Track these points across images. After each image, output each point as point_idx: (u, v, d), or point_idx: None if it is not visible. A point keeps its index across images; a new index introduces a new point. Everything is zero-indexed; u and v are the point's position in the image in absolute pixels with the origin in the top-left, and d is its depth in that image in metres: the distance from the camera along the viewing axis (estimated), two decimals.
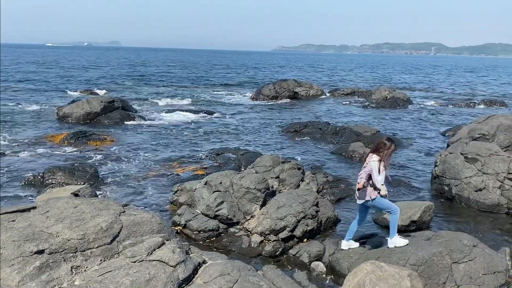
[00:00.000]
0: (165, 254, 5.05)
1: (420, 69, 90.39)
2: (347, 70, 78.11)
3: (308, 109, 26.01)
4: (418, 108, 27.40)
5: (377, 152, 6.34)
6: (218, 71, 62.57)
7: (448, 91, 40.57)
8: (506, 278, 6.24)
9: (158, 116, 21.64)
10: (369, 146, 14.80)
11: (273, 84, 31.43)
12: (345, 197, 10.25)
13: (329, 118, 22.32)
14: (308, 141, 16.62)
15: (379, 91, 29.35)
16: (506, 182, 9.42)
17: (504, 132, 10.79)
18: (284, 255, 7.17)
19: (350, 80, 51.14)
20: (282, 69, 76.46)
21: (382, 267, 5.00)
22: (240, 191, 8.02)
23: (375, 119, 22.77)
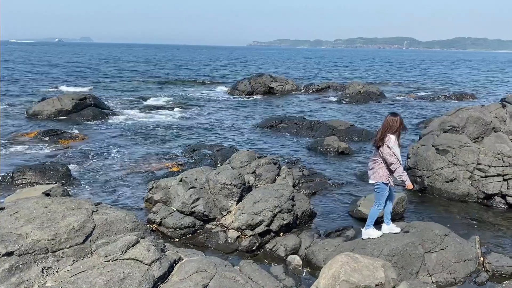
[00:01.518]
0: (140, 252, 4.98)
1: (392, 63, 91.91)
2: (321, 65, 78.71)
3: (283, 104, 26.11)
4: (390, 102, 27.88)
5: (394, 132, 6.17)
6: (193, 67, 62.05)
7: (420, 84, 41.40)
8: (476, 265, 6.43)
9: (132, 113, 21.30)
10: (343, 140, 15.00)
11: (249, 79, 31.40)
12: (320, 190, 10.35)
13: (304, 113, 22.45)
14: (284, 136, 16.68)
15: (352, 85, 29.68)
16: (475, 172, 9.69)
17: (473, 124, 11.08)
18: (261, 249, 7.19)
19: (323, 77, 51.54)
20: (257, 64, 76.44)
21: (357, 258, 5.06)
22: (216, 187, 7.98)
23: (349, 113, 23.05)
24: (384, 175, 6.26)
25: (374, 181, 6.36)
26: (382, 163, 6.24)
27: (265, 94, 30.07)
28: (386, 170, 6.24)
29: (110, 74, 43.81)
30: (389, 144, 6.08)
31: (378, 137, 6.24)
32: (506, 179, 9.32)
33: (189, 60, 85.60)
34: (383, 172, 6.25)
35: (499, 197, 9.36)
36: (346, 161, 13.14)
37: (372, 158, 6.43)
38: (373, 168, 6.35)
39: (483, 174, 9.53)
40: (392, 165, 6.11)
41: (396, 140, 6.16)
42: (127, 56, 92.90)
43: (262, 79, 31.15)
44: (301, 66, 73.02)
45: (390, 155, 6.07)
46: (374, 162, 6.33)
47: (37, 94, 26.50)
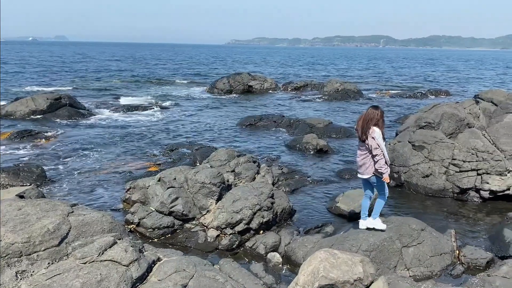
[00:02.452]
0: (117, 253, 4.91)
1: (369, 61, 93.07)
2: (300, 63, 79.10)
3: (262, 102, 26.13)
4: (368, 99, 28.23)
5: (375, 125, 6.22)
6: (171, 65, 61.50)
7: (397, 82, 42.03)
8: (452, 258, 6.57)
9: (109, 112, 20.98)
10: (322, 138, 15.10)
11: (227, 77, 31.31)
12: (300, 187, 10.40)
13: (283, 111, 22.53)
14: (263, 134, 16.70)
15: (330, 83, 29.92)
16: (450, 167, 9.90)
17: (448, 120, 11.30)
18: (241, 248, 7.18)
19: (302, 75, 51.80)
20: (236, 62, 76.28)
21: (336, 254, 5.10)
22: (195, 186, 7.92)
23: (327, 111, 23.24)
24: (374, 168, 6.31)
25: (368, 175, 6.38)
26: (370, 156, 6.28)
27: (244, 93, 30.05)
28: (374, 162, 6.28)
29: (86, 74, 43.04)
30: (373, 136, 6.13)
31: (361, 130, 6.27)
32: (480, 173, 9.55)
33: (167, 58, 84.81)
34: (373, 165, 6.30)
35: (474, 191, 9.58)
36: (324, 158, 13.24)
37: (360, 153, 6.41)
38: (364, 164, 6.35)
39: (458, 169, 9.74)
40: (375, 157, 6.18)
41: (381, 133, 6.22)
42: (103, 55, 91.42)
43: (241, 77, 31.10)
44: (280, 64, 73.22)
45: (375, 147, 6.12)
46: (365, 157, 6.34)
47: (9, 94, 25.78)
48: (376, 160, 6.18)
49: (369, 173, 6.35)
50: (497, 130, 10.56)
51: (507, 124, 10.93)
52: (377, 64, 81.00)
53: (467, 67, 74.34)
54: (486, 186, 9.35)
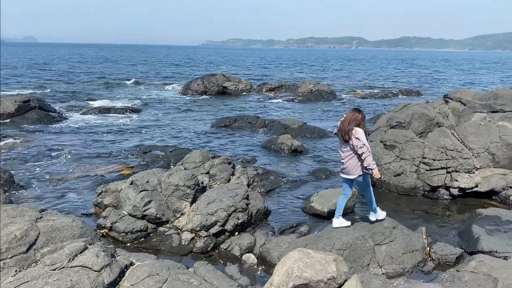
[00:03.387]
0: (88, 259, 4.81)
1: (342, 62, 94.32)
2: (274, 64, 79.43)
3: (237, 104, 26.12)
4: (341, 100, 28.61)
5: (357, 126, 6.33)
6: (144, 67, 60.74)
7: (369, 82, 42.74)
8: (423, 255, 6.71)
9: (80, 115, 20.54)
10: (296, 138, 15.20)
11: (202, 78, 31.15)
12: (275, 188, 10.42)
13: (258, 112, 22.58)
14: (238, 135, 16.68)
15: (304, 84, 30.18)
16: (421, 166, 10.12)
17: (418, 119, 11.55)
18: (216, 250, 7.15)
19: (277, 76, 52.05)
20: (210, 63, 76.00)
21: (309, 254, 5.13)
22: (169, 189, 7.84)
23: (302, 112, 23.42)
24: (361, 167, 6.43)
25: (355, 175, 6.47)
26: (356, 156, 6.38)
27: (219, 94, 29.96)
28: (360, 162, 6.40)
29: (56, 76, 42.01)
30: (357, 136, 6.24)
31: (343, 131, 6.35)
32: (449, 171, 9.80)
33: (139, 59, 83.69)
34: (360, 165, 6.41)
35: (443, 189, 9.82)
36: (299, 159, 13.32)
37: (344, 154, 6.47)
38: (350, 164, 6.42)
39: (428, 167, 9.96)
40: (362, 155, 6.28)
41: (364, 133, 6.34)
42: (74, 57, 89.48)
43: (215, 78, 30.99)
44: (255, 65, 73.36)
45: (360, 146, 6.24)
46: (350, 158, 6.41)
47: None
48: (363, 158, 6.29)
49: (356, 173, 6.45)
50: (465, 129, 10.86)
51: (475, 123, 11.26)
52: (350, 65, 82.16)
53: (438, 68, 76.28)
54: (455, 184, 9.60)
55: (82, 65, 61.74)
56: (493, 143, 10.33)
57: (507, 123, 11.59)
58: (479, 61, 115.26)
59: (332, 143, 15.54)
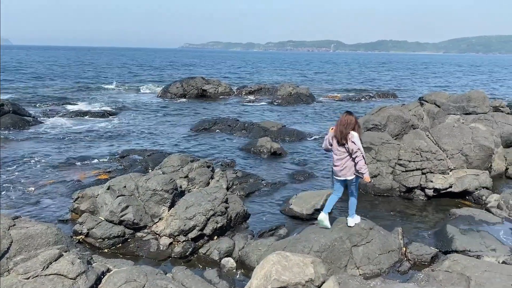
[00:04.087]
0: (63, 266, 4.73)
1: (321, 65, 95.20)
2: (254, 67, 79.62)
3: (216, 107, 26.08)
4: (319, 103, 28.88)
5: (351, 129, 6.50)
6: (122, 70, 60.03)
7: (347, 85, 43.27)
8: (399, 255, 6.83)
9: (56, 119, 20.14)
10: (276, 141, 15.26)
11: (181, 82, 30.97)
12: (254, 191, 10.44)
13: (237, 115, 22.59)
14: (218, 138, 16.65)
15: (283, 87, 30.35)
16: (397, 167, 10.31)
17: (393, 122, 11.78)
18: (195, 254, 7.11)
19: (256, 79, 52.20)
20: (190, 66, 75.65)
21: (288, 256, 5.17)
22: (147, 193, 7.78)
23: (281, 114, 23.55)
24: (355, 169, 6.61)
25: (351, 177, 6.61)
26: (350, 159, 6.54)
27: (198, 97, 29.83)
28: (354, 164, 6.57)
29: (31, 79, 41.13)
30: (353, 140, 6.42)
31: (340, 135, 6.49)
32: (424, 172, 10.00)
33: (117, 63, 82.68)
34: (353, 167, 6.59)
35: (419, 189, 10.02)
36: (278, 161, 13.39)
37: (339, 157, 6.59)
38: (346, 166, 6.56)
39: (404, 169, 10.15)
40: (356, 158, 6.46)
41: (359, 136, 6.53)
42: (50, 60, 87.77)
43: (194, 81, 30.86)
44: (234, 68, 73.37)
45: (355, 150, 6.41)
46: (346, 161, 6.55)
47: None
48: (357, 161, 6.47)
49: (351, 175, 6.61)
50: (439, 131, 11.11)
51: (448, 124, 11.54)
52: (328, 68, 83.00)
53: (414, 70, 77.75)
54: (430, 185, 9.80)
55: (58, 68, 60.60)
56: (466, 145, 10.60)
57: (480, 125, 11.93)
58: (453, 64, 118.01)
59: (309, 146, 15.67)
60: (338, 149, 6.59)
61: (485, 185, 9.95)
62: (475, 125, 11.85)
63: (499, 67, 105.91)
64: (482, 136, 10.95)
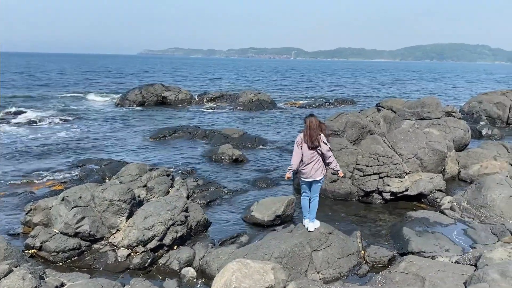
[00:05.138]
0: (14, 282, 4.52)
1: (282, 72, 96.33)
2: (215, 74, 79.49)
3: (177, 114, 25.80)
4: (281, 109, 29.15)
5: (320, 131, 6.71)
6: (78, 76, 58.30)
7: (307, 92, 43.97)
8: (358, 259, 6.96)
9: (8, 127, 19.27)
10: (237, 148, 15.25)
11: (139, 89, 30.40)
12: (215, 199, 10.37)
13: (198, 122, 22.45)
14: (178, 146, 16.45)
15: (245, 94, 30.46)
16: (355, 172, 10.53)
17: (351, 128, 12.05)
18: (154, 265, 6.97)
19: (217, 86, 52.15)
20: (149, 73, 74.57)
21: (248, 264, 5.16)
22: (103, 204, 7.55)
23: (242, 121, 23.58)
24: (324, 170, 6.92)
25: (321, 176, 6.87)
26: (320, 160, 6.78)
27: (158, 104, 29.38)
28: (323, 165, 6.86)
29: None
30: (324, 141, 6.69)
31: (311, 139, 6.64)
32: (381, 176, 10.27)
33: (72, 69, 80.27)
34: (323, 168, 6.86)
35: (376, 193, 10.28)
36: (240, 168, 13.37)
37: (309, 160, 6.74)
38: (319, 168, 6.79)
39: (362, 173, 10.39)
40: (329, 158, 6.81)
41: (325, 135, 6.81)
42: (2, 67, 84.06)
43: (153, 88, 30.37)
44: (195, 75, 72.95)
45: (328, 150, 6.73)
46: (318, 162, 6.77)
47: None
48: (331, 161, 6.84)
49: (319, 176, 6.86)
50: (395, 136, 11.46)
51: (404, 130, 11.93)
52: (289, 75, 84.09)
53: (371, 77, 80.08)
54: (387, 188, 10.08)
55: (13, 75, 58.07)
56: (421, 149, 10.98)
57: (433, 130, 12.40)
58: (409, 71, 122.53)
59: (270, 152, 15.76)
60: (308, 153, 6.74)
61: (439, 187, 10.32)
62: (429, 130, 12.31)
63: (452, 73, 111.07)
64: (436, 140, 11.38)
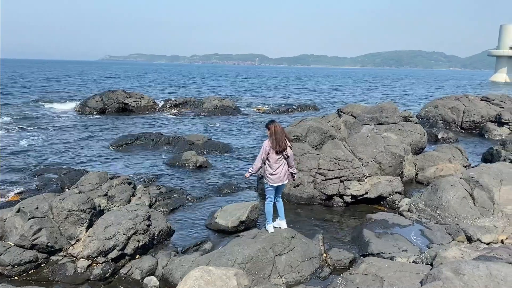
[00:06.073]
0: None
1: (247, 78, 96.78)
2: (179, 80, 78.83)
3: (139, 121, 25.39)
4: (245, 115, 29.27)
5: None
6: (36, 83, 56.35)
7: (272, 99, 44.33)
8: (320, 262, 7.09)
9: None
10: (201, 154, 15.18)
11: (100, 95, 29.70)
12: (179, 206, 10.28)
13: (161, 129, 22.18)
14: (141, 153, 16.20)
15: (209, 100, 30.39)
16: (317, 176, 10.72)
17: (313, 133, 12.28)
18: (115, 275, 6.83)
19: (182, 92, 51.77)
20: (111, 79, 73.06)
21: (210, 271, 5.15)
22: (62, 214, 7.34)
23: (206, 128, 23.51)
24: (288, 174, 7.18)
25: (287, 180, 7.16)
26: (285, 165, 7.06)
27: (120, 111, 28.76)
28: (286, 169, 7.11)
29: None
30: (289, 145, 7.05)
31: (280, 144, 6.82)
32: (342, 180, 10.51)
33: (30, 75, 77.52)
34: (287, 172, 7.13)
35: (338, 197, 10.50)
36: (204, 175, 13.31)
37: (279, 164, 6.93)
38: (286, 171, 7.06)
39: (324, 177, 10.59)
40: (293, 162, 7.21)
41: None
42: None
43: (115, 94, 29.73)
44: (158, 81, 72.08)
45: (292, 155, 7.11)
46: (284, 165, 7.01)
47: None
48: (293, 165, 7.17)
49: (285, 180, 7.13)
50: (355, 140, 11.77)
51: (363, 134, 12.27)
52: (253, 81, 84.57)
53: (333, 83, 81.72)
54: (348, 192, 10.32)
55: None
56: (379, 153, 11.32)
57: (391, 134, 12.82)
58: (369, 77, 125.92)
59: (235, 158, 15.79)
60: (276, 158, 6.91)
61: (397, 190, 10.67)
62: (387, 134, 12.73)
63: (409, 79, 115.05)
64: (393, 144, 11.77)
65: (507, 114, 21.49)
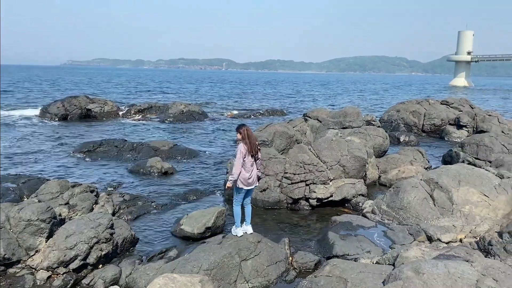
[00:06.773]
0: None
1: (213, 83, 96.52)
2: (144, 85, 77.69)
3: (103, 127, 24.83)
4: (212, 120, 29.17)
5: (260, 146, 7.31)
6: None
7: (240, 103, 44.41)
8: (286, 265, 7.13)
9: None
10: (167, 160, 15.00)
11: (62, 101, 28.83)
12: (143, 214, 10.10)
13: (126, 135, 21.78)
14: (104, 160, 15.83)
15: (175, 105, 30.07)
16: (284, 180, 10.81)
17: (279, 137, 12.38)
18: (77, 286, 6.63)
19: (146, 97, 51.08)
20: (73, 84, 71.14)
21: (175, 278, 5.09)
22: (20, 225, 7.06)
23: (172, 133, 23.25)
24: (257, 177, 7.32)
25: (257, 183, 7.29)
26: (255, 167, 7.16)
27: (82, 117, 28.00)
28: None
29: None
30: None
31: (255, 148, 6.96)
32: (308, 184, 10.64)
33: None
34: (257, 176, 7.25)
35: (304, 200, 10.62)
36: (169, 181, 13.15)
37: (251, 168, 7.02)
38: (254, 176, 7.11)
39: (290, 181, 10.68)
40: (261, 165, 7.33)
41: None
42: None
43: (77, 100, 28.93)
44: (122, 86, 70.78)
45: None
46: (254, 169, 7.11)
47: None
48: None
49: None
50: (319, 144, 11.94)
51: (328, 138, 12.46)
52: (220, 86, 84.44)
53: (300, 88, 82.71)
54: (313, 195, 10.45)
55: None
56: (343, 156, 11.53)
57: (355, 138, 13.08)
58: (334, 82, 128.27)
59: (201, 163, 15.70)
60: (251, 161, 7.04)
61: (361, 192, 10.90)
62: (351, 138, 12.99)
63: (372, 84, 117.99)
64: (357, 148, 12.02)
65: (465, 117, 22.38)
